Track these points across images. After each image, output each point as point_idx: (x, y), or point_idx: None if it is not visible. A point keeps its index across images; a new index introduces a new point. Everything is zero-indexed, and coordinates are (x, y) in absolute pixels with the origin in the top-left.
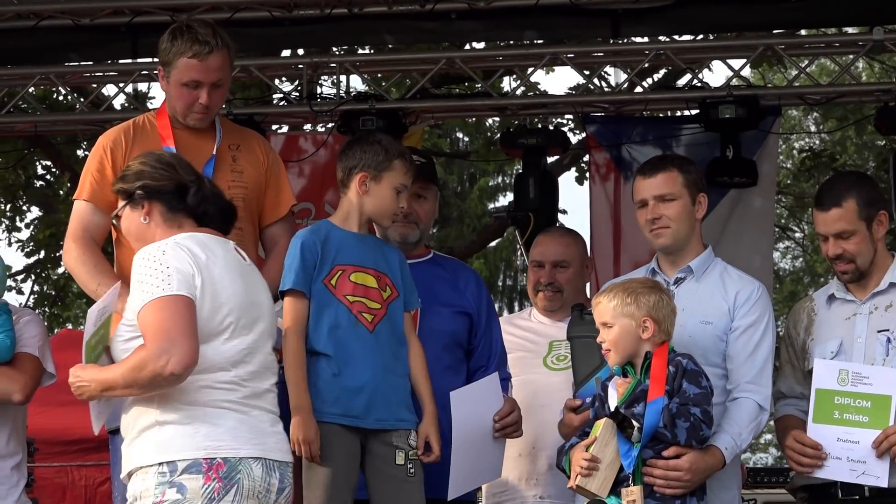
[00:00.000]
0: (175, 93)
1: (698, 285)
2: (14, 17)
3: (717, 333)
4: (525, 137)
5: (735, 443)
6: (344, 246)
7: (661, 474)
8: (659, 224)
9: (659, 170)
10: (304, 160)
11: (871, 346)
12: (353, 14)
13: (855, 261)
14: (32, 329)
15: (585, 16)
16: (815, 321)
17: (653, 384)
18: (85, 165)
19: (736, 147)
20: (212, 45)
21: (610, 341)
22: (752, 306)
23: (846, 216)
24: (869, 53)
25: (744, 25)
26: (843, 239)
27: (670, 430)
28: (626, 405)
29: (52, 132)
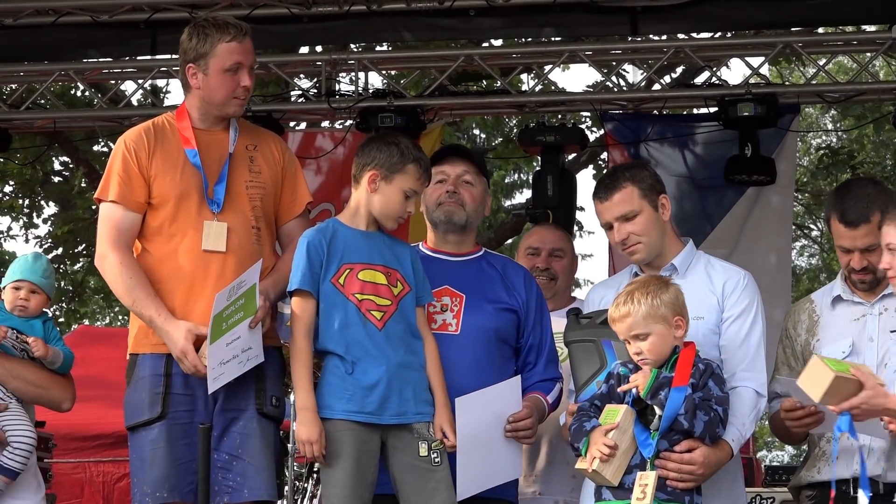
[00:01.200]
0: (216, 82)
1: (684, 281)
2: (33, 14)
3: (709, 328)
4: (543, 134)
5: (741, 433)
6: (351, 244)
7: (675, 468)
8: (630, 243)
9: (613, 190)
10: (322, 157)
11: (884, 345)
12: (371, 11)
13: (875, 271)
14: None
15: (604, 13)
16: (818, 322)
17: (678, 374)
18: (108, 166)
19: (755, 145)
20: (244, 29)
21: (649, 351)
22: (741, 295)
23: (875, 230)
24: (888, 51)
25: (762, 23)
26: (870, 252)
27: (689, 418)
28: (652, 395)
29: (70, 128)
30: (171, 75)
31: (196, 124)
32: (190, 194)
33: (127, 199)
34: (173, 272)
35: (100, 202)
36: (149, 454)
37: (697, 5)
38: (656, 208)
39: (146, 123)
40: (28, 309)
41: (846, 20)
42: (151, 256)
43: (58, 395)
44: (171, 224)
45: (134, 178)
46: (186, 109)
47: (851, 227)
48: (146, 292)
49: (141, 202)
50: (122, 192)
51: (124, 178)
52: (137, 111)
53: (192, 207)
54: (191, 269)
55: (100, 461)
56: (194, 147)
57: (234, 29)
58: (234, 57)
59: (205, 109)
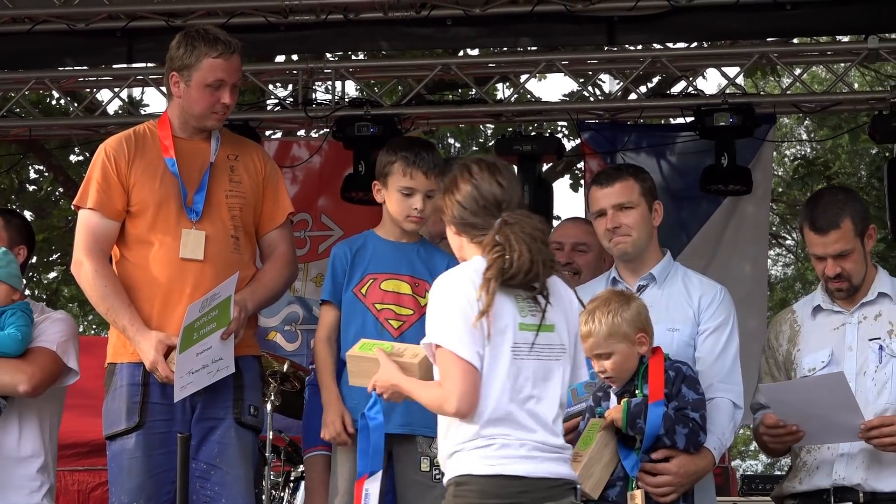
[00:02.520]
0: (196, 95)
1: (661, 292)
2: (9, 21)
3: (684, 339)
4: (520, 144)
5: (721, 443)
6: (377, 254)
7: (653, 482)
8: (619, 232)
9: (616, 179)
10: (298, 167)
11: (864, 353)
12: (348, 20)
13: (851, 279)
14: (56, 326)
15: (580, 23)
16: (799, 332)
17: (652, 390)
18: (88, 173)
19: (731, 155)
20: (232, 46)
21: (612, 370)
22: (717, 309)
23: (845, 236)
24: (864, 62)
25: (738, 33)
26: (843, 258)
27: (670, 437)
28: (631, 426)
29: (46, 137)
30: (147, 84)
31: (177, 133)
32: (168, 202)
33: (105, 207)
34: (151, 280)
35: (78, 209)
36: (126, 463)
37: (674, 16)
38: (650, 210)
39: (127, 131)
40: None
41: (821, 31)
42: (130, 263)
43: (9, 379)
44: (149, 232)
45: (113, 185)
46: (168, 118)
47: (822, 234)
48: (121, 301)
49: (119, 210)
50: (101, 200)
51: (103, 185)
52: (113, 119)
53: (171, 216)
54: (168, 277)
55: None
56: (173, 156)
57: (222, 46)
58: (218, 74)
59: (184, 119)
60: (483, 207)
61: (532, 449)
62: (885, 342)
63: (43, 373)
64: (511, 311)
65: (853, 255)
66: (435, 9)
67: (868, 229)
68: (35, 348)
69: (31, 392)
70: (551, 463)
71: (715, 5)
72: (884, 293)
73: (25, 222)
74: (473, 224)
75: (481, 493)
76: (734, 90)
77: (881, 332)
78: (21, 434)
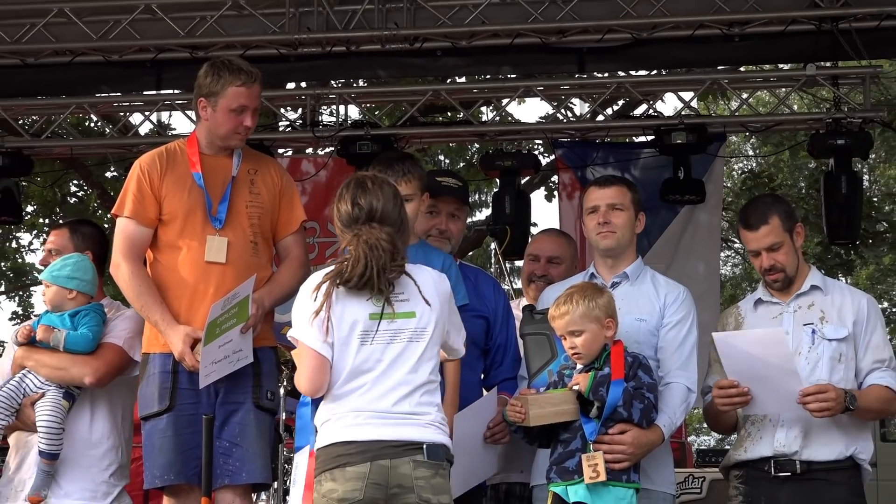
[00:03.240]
0: (222, 118)
1: (633, 288)
2: (52, 54)
3: (649, 329)
4: (501, 160)
5: (671, 421)
6: None
7: (608, 449)
8: (607, 228)
9: (612, 183)
10: (307, 180)
11: (798, 337)
12: (350, 51)
13: (785, 269)
14: (124, 323)
15: (554, 53)
16: (743, 323)
17: (614, 369)
18: (124, 185)
19: (686, 169)
20: (254, 76)
21: (582, 346)
22: (679, 306)
23: (774, 230)
24: (802, 87)
25: (692, 62)
26: (774, 251)
27: (627, 409)
28: (593, 392)
29: (85, 155)
30: (174, 108)
31: (203, 150)
32: (195, 212)
33: (139, 215)
34: (179, 280)
35: (116, 217)
36: (158, 442)
37: (636, 47)
38: (636, 217)
39: (160, 148)
40: (48, 303)
41: (765, 60)
42: (161, 266)
43: (77, 372)
44: (178, 238)
45: (147, 196)
46: (196, 137)
47: (754, 230)
48: (153, 299)
49: (152, 218)
50: (136, 209)
51: (138, 196)
52: (144, 140)
53: (198, 223)
54: (194, 278)
55: None
56: (199, 171)
57: (244, 76)
58: (241, 100)
59: (210, 139)
60: (344, 223)
61: (370, 417)
62: (817, 327)
63: (108, 366)
64: (358, 307)
65: (783, 247)
66: (426, 42)
67: (795, 227)
68: (104, 343)
69: (95, 384)
70: (390, 427)
71: (672, 38)
72: (816, 286)
73: (95, 229)
74: (340, 234)
75: (329, 458)
76: (689, 112)
77: (814, 318)
78: (92, 420)
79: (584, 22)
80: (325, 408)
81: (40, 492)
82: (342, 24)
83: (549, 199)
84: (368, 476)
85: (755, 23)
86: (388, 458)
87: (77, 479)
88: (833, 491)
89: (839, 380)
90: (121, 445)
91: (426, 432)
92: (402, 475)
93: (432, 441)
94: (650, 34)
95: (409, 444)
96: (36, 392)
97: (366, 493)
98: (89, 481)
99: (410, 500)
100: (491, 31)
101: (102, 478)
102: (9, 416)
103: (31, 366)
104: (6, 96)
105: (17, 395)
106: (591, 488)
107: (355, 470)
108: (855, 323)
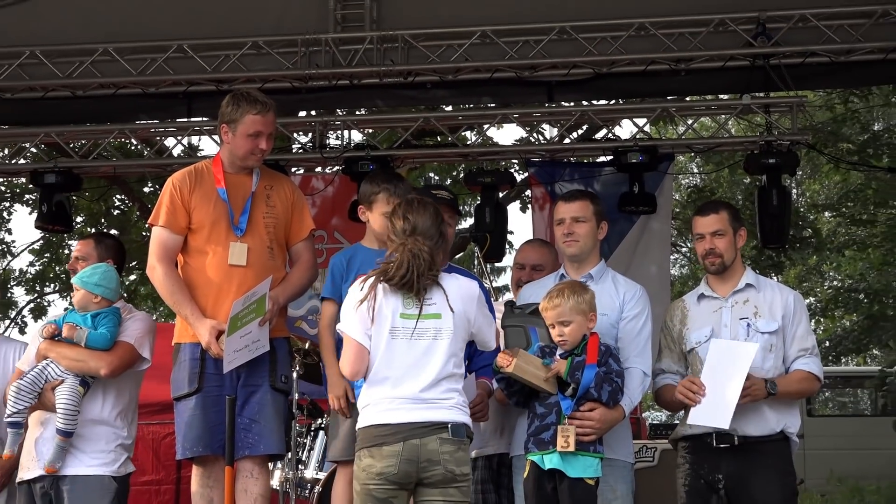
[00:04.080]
0: (241, 142)
1: (596, 287)
2: (98, 87)
3: (610, 322)
4: (482, 177)
5: (631, 401)
6: (365, 261)
7: (579, 424)
8: (571, 238)
9: (576, 198)
10: (316, 195)
11: (735, 329)
12: (353, 85)
13: (722, 256)
14: (136, 324)
15: (527, 86)
16: (688, 315)
17: (590, 355)
18: (159, 198)
19: (640, 184)
20: (269, 105)
21: (569, 335)
22: (636, 302)
23: (721, 220)
24: (739, 114)
25: (645, 93)
26: (717, 237)
27: (598, 390)
28: (571, 375)
29: (126, 173)
30: (202, 133)
31: (227, 169)
32: (220, 222)
33: (172, 225)
34: (206, 280)
35: (152, 226)
36: (188, 419)
37: (597, 80)
38: (598, 227)
39: (189, 167)
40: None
41: (707, 91)
42: (191, 268)
43: (93, 365)
44: (205, 244)
45: (178, 209)
46: (220, 158)
47: (704, 216)
48: (184, 296)
49: (183, 227)
50: (169, 219)
51: (171, 208)
52: (176, 161)
53: (222, 232)
54: (219, 279)
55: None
56: (223, 186)
57: (260, 105)
58: (256, 126)
59: (231, 159)
60: (396, 233)
61: (402, 403)
62: (751, 321)
63: (120, 361)
64: (393, 305)
65: (725, 238)
66: (418, 76)
67: (739, 229)
68: (119, 341)
69: (109, 375)
70: (419, 411)
71: (628, 73)
72: (750, 284)
73: (116, 242)
74: (389, 244)
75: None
76: (643, 135)
77: (749, 313)
78: (103, 402)
79: (552, 59)
80: (365, 393)
81: (55, 463)
82: (346, 61)
83: (524, 210)
84: (402, 453)
85: (698, 59)
86: (419, 437)
87: (89, 449)
88: (766, 459)
89: (770, 367)
90: (126, 424)
91: (450, 414)
92: (430, 451)
93: (455, 421)
94: (609, 69)
95: (435, 424)
96: (56, 379)
97: (399, 468)
98: (100, 450)
99: (437, 471)
100: (473, 66)
101: (110, 448)
102: (32, 398)
103: (53, 357)
104: (59, 123)
105: (39, 381)
106: (563, 456)
107: (390, 449)
108: (784, 317)
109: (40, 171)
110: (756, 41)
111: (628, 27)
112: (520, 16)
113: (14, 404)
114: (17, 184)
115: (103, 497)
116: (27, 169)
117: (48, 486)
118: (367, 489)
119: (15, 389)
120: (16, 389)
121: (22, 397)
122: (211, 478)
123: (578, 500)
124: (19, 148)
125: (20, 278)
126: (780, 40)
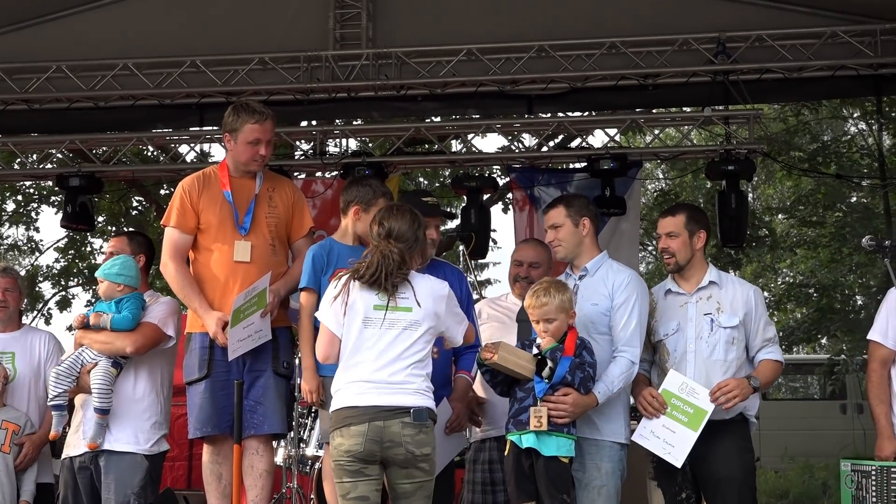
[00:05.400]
0: (241, 149)
1: (592, 279)
2: (118, 99)
3: (601, 311)
4: (468, 181)
5: (608, 388)
6: (341, 255)
7: (553, 407)
8: (553, 244)
9: (550, 207)
10: (317, 197)
11: (700, 324)
12: (350, 97)
13: (675, 255)
14: (160, 307)
15: (509, 98)
16: (656, 308)
17: (567, 348)
18: (171, 201)
19: (612, 189)
20: (266, 115)
21: (553, 330)
22: (624, 289)
23: (675, 223)
24: (701, 125)
25: (616, 106)
26: (671, 238)
27: (571, 376)
28: (550, 353)
29: (143, 177)
30: (213, 141)
31: (232, 173)
32: (226, 222)
33: (182, 225)
34: (213, 276)
35: (164, 227)
36: (198, 401)
37: (573, 94)
38: (577, 225)
39: (199, 172)
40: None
41: (673, 104)
42: (199, 264)
43: (120, 345)
44: (212, 242)
45: (187, 210)
46: (226, 163)
47: (664, 218)
48: (193, 290)
49: (192, 227)
50: (179, 220)
51: (181, 210)
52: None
53: (227, 231)
54: (225, 274)
55: None
56: (229, 189)
57: (257, 115)
58: (255, 134)
59: (235, 165)
60: (373, 237)
61: (370, 387)
62: (714, 316)
63: (145, 339)
64: (367, 298)
65: (679, 238)
66: (410, 89)
67: (698, 231)
68: (142, 322)
69: (134, 352)
70: (385, 395)
71: (600, 87)
72: (713, 281)
73: (146, 239)
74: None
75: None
76: (614, 144)
77: (712, 308)
78: (136, 381)
79: (531, 74)
80: (338, 377)
81: (95, 440)
82: (344, 76)
83: (506, 212)
84: (367, 433)
85: (664, 75)
86: (382, 419)
87: (124, 427)
88: (728, 439)
89: (733, 358)
90: (160, 402)
91: (414, 399)
92: (392, 433)
93: (418, 406)
94: (583, 84)
95: (398, 408)
96: (91, 363)
97: (365, 447)
98: (134, 429)
99: (399, 451)
100: (460, 81)
101: (145, 427)
102: (71, 381)
103: (87, 343)
104: (83, 132)
105: (76, 366)
106: (538, 436)
107: (357, 429)
108: (746, 312)
109: (65, 175)
110: (717, 59)
111: (601, 45)
112: (502, 35)
113: (54, 387)
114: (45, 186)
115: (135, 475)
116: (53, 173)
117: (88, 461)
118: (339, 465)
119: (54, 375)
120: (55, 375)
121: (61, 381)
122: (220, 455)
123: (553, 476)
124: (46, 154)
125: (47, 273)
126: (738, 58)
